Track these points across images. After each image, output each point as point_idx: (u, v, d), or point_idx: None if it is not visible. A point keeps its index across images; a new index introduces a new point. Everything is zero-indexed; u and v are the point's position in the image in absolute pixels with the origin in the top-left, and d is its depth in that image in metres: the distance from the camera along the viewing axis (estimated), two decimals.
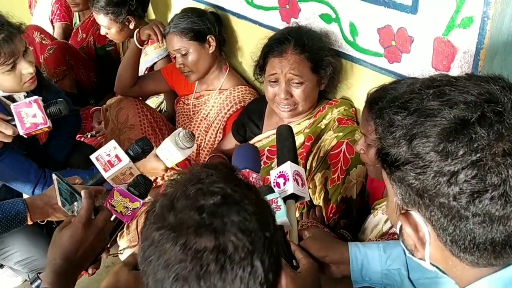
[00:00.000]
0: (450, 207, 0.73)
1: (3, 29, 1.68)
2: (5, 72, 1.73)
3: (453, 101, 0.73)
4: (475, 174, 0.70)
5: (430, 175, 0.73)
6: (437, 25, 1.44)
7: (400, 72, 1.63)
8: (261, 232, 0.76)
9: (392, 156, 0.77)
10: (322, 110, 1.90)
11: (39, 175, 1.91)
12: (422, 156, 0.73)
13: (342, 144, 1.77)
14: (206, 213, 0.74)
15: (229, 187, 0.78)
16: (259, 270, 0.74)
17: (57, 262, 1.14)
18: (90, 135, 2.80)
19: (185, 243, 0.73)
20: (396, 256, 1.25)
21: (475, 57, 1.37)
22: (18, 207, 1.52)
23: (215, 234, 0.73)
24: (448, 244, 0.77)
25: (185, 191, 0.78)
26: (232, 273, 0.72)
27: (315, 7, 1.87)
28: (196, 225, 0.73)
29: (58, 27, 3.48)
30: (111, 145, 1.49)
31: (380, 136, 0.81)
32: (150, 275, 0.77)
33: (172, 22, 2.22)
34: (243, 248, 0.73)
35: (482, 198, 0.70)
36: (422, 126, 0.74)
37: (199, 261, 0.72)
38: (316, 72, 1.80)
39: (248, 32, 2.28)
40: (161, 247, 0.74)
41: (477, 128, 0.70)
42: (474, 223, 0.72)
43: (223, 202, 0.76)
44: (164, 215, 0.76)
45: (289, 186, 1.31)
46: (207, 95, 2.36)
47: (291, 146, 1.45)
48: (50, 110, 1.66)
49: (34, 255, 1.94)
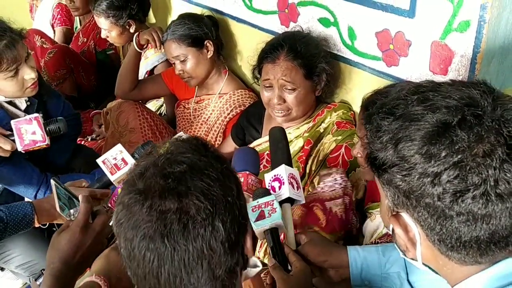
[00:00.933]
0: (435, 207, 0.76)
1: (5, 35, 1.69)
2: (7, 78, 1.74)
3: (436, 105, 0.77)
4: (457, 174, 0.73)
5: (415, 177, 0.76)
6: (434, 29, 1.45)
7: (398, 76, 1.64)
8: (223, 197, 0.82)
9: (380, 160, 0.81)
10: (321, 114, 1.90)
11: (41, 179, 1.92)
12: (407, 158, 0.77)
13: (341, 148, 1.78)
14: (171, 179, 0.81)
15: (196, 157, 0.85)
16: (220, 230, 0.80)
17: (56, 266, 1.15)
18: (91, 138, 2.81)
19: (151, 205, 0.79)
20: (395, 259, 1.25)
21: (472, 61, 1.38)
22: (25, 210, 1.53)
23: (178, 197, 0.79)
24: (436, 243, 0.80)
25: (155, 161, 0.84)
26: (194, 232, 0.78)
27: (314, 11, 1.88)
28: (161, 189, 0.80)
29: (59, 31, 3.49)
30: (118, 149, 1.51)
31: (369, 140, 0.85)
32: (121, 236, 0.83)
33: (170, 29, 2.23)
34: (204, 209, 0.79)
35: (465, 198, 0.73)
36: (407, 130, 0.77)
37: (163, 221, 0.78)
38: (310, 78, 1.80)
39: (247, 36, 2.29)
40: (130, 209, 0.81)
41: (458, 131, 0.73)
42: (458, 222, 0.75)
43: (188, 170, 0.82)
44: (135, 182, 0.83)
45: (284, 190, 1.31)
46: (208, 100, 2.37)
47: (284, 149, 1.45)
48: (49, 128, 1.70)
49: (35, 259, 1.94)
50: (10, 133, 1.69)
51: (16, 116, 1.89)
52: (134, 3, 2.66)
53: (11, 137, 1.67)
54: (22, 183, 1.90)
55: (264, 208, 1.24)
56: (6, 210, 1.53)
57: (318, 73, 1.79)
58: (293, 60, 1.77)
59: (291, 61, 1.77)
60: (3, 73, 1.72)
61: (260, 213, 1.23)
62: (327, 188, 1.60)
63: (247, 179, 1.39)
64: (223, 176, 0.85)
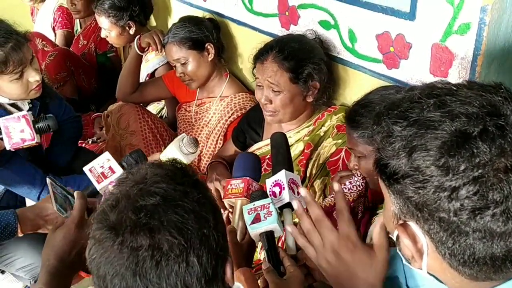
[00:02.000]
0: (450, 222, 0.72)
1: (11, 37, 1.69)
2: (13, 80, 1.74)
3: (455, 112, 0.71)
4: (476, 190, 0.68)
5: (430, 190, 0.71)
6: (434, 31, 1.45)
7: (398, 78, 1.64)
8: (198, 230, 0.79)
9: (391, 168, 0.76)
10: (321, 118, 1.90)
11: (44, 181, 1.92)
12: (422, 170, 0.72)
13: (341, 151, 1.78)
14: (143, 213, 0.78)
15: (171, 186, 0.82)
16: (195, 265, 0.78)
17: (51, 263, 1.15)
18: (92, 141, 2.82)
19: (122, 242, 0.76)
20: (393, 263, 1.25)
21: (472, 63, 1.39)
22: (8, 219, 1.50)
23: (150, 233, 0.76)
24: (447, 257, 0.76)
25: (128, 192, 0.82)
26: (167, 269, 0.76)
27: (314, 14, 1.89)
28: (133, 224, 0.77)
29: (60, 34, 3.50)
30: (105, 157, 1.48)
31: (379, 146, 0.79)
32: (93, 272, 0.81)
33: (170, 32, 2.23)
34: (178, 245, 0.76)
35: (484, 215, 0.69)
36: (422, 139, 0.72)
37: (135, 258, 0.76)
38: (296, 83, 1.78)
39: (248, 38, 2.29)
40: (102, 245, 0.79)
41: (479, 142, 0.68)
42: (474, 239, 0.71)
43: (161, 202, 0.79)
44: (106, 215, 0.80)
45: (285, 195, 1.30)
46: (209, 103, 2.38)
47: (285, 154, 1.44)
48: (38, 125, 1.67)
49: (36, 261, 1.94)
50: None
51: None
52: (136, 5, 2.67)
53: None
54: (26, 184, 1.90)
55: (260, 211, 1.23)
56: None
57: (304, 79, 1.77)
58: (279, 62, 1.77)
59: (277, 64, 1.77)
60: (9, 75, 1.72)
61: (256, 216, 1.22)
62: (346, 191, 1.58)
63: (249, 185, 1.39)
64: (199, 206, 0.82)
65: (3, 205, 2.06)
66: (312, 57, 1.78)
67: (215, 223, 0.83)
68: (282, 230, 1.26)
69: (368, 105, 1.44)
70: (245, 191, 1.37)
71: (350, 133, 1.47)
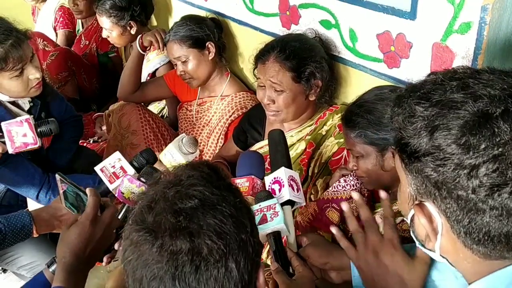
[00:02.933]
0: (467, 200, 0.73)
1: (11, 35, 1.70)
2: (13, 77, 1.75)
3: (477, 94, 0.73)
4: (496, 168, 0.70)
5: (450, 168, 0.73)
6: (435, 30, 1.46)
7: (399, 77, 1.64)
8: (237, 235, 0.78)
9: (412, 147, 0.77)
10: (323, 117, 1.90)
11: (43, 180, 1.93)
12: (443, 148, 0.73)
13: (343, 150, 1.78)
14: (182, 217, 0.77)
15: (208, 190, 0.81)
16: (233, 271, 0.77)
17: (67, 260, 1.16)
18: (93, 140, 2.82)
19: (162, 245, 0.75)
20: None
21: (473, 62, 1.39)
22: (23, 220, 1.52)
23: (190, 237, 0.75)
24: (462, 236, 0.77)
25: (165, 193, 0.80)
26: (206, 274, 0.75)
27: (315, 14, 1.89)
28: (172, 228, 0.76)
29: (61, 34, 3.51)
30: (116, 157, 1.48)
31: (400, 126, 0.80)
32: (129, 274, 0.80)
33: (172, 30, 2.24)
34: (217, 250, 0.76)
35: (502, 192, 0.71)
36: (444, 118, 0.74)
37: (174, 262, 0.74)
38: (298, 82, 1.78)
39: (249, 38, 2.30)
40: (139, 248, 0.77)
41: (500, 122, 0.70)
42: (490, 216, 0.73)
43: (200, 206, 0.78)
44: (143, 217, 0.79)
45: (284, 192, 1.31)
46: (210, 102, 2.38)
47: (283, 151, 1.44)
48: (40, 129, 1.68)
49: (37, 260, 1.94)
50: (0, 134, 1.67)
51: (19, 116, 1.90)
52: (137, 5, 2.67)
53: (1, 139, 1.66)
54: (24, 183, 1.90)
55: (266, 212, 1.23)
56: (4, 221, 1.52)
57: (306, 77, 1.78)
58: (281, 62, 1.77)
59: (279, 63, 1.77)
60: (9, 72, 1.73)
61: (262, 216, 1.22)
62: (340, 188, 1.59)
63: (253, 183, 1.39)
64: (237, 211, 0.81)
65: (4, 204, 2.06)
66: (313, 56, 1.79)
67: (252, 228, 0.83)
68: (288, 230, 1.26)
69: (364, 104, 1.44)
70: (250, 189, 1.37)
71: (347, 134, 1.46)
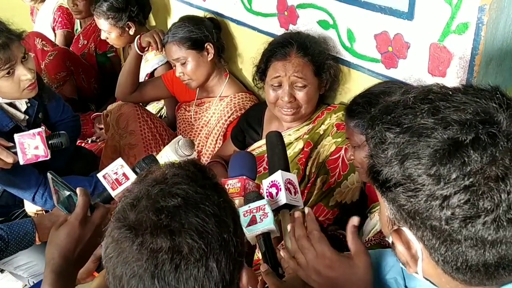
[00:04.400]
0: (442, 230, 0.72)
1: (1, 35, 1.70)
2: (2, 77, 1.75)
3: (448, 120, 0.71)
4: (467, 199, 0.68)
5: (422, 199, 0.72)
6: (432, 31, 1.46)
7: (397, 78, 1.64)
8: (219, 234, 0.78)
9: (384, 175, 0.76)
10: (321, 116, 1.91)
11: (40, 181, 1.92)
12: (414, 178, 0.72)
13: (340, 150, 1.79)
14: (164, 215, 0.76)
15: (192, 188, 0.80)
16: (214, 270, 0.76)
17: (56, 262, 1.14)
18: (91, 140, 2.82)
19: (142, 243, 0.75)
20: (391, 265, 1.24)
21: (470, 63, 1.39)
22: (26, 228, 1.52)
23: (171, 235, 0.75)
24: (440, 263, 0.76)
25: (148, 191, 0.80)
26: (186, 273, 0.75)
27: (313, 14, 1.89)
28: (153, 225, 0.76)
29: (59, 34, 3.51)
30: (118, 163, 1.48)
31: (372, 152, 0.79)
32: (110, 271, 0.79)
33: (170, 32, 2.23)
34: (198, 249, 0.75)
35: (475, 223, 0.69)
36: (414, 146, 0.72)
37: (154, 260, 0.74)
38: (319, 75, 1.81)
39: (247, 38, 2.30)
40: (120, 245, 0.77)
41: (470, 151, 0.68)
42: (466, 246, 0.72)
43: (183, 204, 0.78)
44: (126, 214, 0.79)
45: (281, 196, 1.30)
46: (208, 102, 2.38)
47: (281, 154, 1.44)
48: (52, 142, 1.71)
49: (34, 260, 1.94)
50: (12, 144, 1.69)
51: (16, 118, 1.90)
52: (134, 5, 2.67)
53: (12, 149, 1.68)
54: (20, 184, 1.90)
55: (255, 213, 1.22)
56: (7, 229, 1.52)
57: (326, 70, 1.82)
58: (303, 56, 1.79)
59: (302, 58, 1.79)
60: None
61: (252, 218, 1.22)
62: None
63: (245, 184, 1.39)
64: (220, 210, 0.80)
65: (2, 204, 2.06)
66: (324, 50, 1.83)
67: (235, 228, 0.82)
68: (278, 230, 1.26)
69: (368, 96, 1.47)
70: (242, 190, 1.37)
71: (347, 123, 1.49)
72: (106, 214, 1.26)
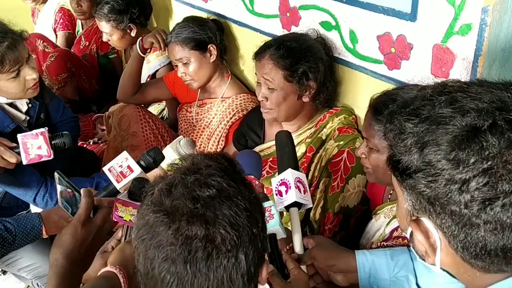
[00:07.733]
0: (461, 215, 0.73)
1: (6, 36, 1.70)
2: (10, 78, 1.75)
3: (465, 108, 0.73)
4: (486, 181, 0.70)
5: (441, 183, 0.73)
6: (436, 32, 1.45)
7: (399, 79, 1.64)
8: (249, 228, 0.81)
9: (403, 164, 0.78)
10: (323, 119, 1.90)
11: (41, 182, 1.92)
12: (433, 164, 0.73)
13: (343, 153, 1.78)
14: (200, 204, 0.79)
15: (225, 181, 0.83)
16: (242, 262, 0.79)
17: (60, 263, 1.15)
18: (93, 141, 2.82)
19: (178, 229, 0.78)
20: (403, 263, 1.25)
21: (473, 64, 1.38)
22: (33, 221, 1.53)
23: (206, 224, 0.78)
24: (459, 250, 0.77)
25: (184, 179, 0.83)
26: (217, 261, 0.78)
27: (315, 15, 1.89)
28: (190, 213, 0.78)
29: (61, 35, 3.51)
30: (123, 156, 1.49)
31: (391, 143, 0.81)
32: (141, 252, 0.82)
33: (174, 32, 2.24)
34: (230, 240, 0.78)
35: (494, 206, 0.70)
36: (433, 134, 0.74)
37: (188, 246, 0.77)
38: (290, 81, 1.77)
39: (249, 40, 2.29)
40: (155, 228, 0.80)
41: (488, 136, 0.70)
42: (485, 231, 0.72)
43: (217, 195, 0.81)
44: (161, 199, 0.81)
45: (291, 194, 1.31)
46: (210, 103, 2.38)
47: (291, 153, 1.44)
48: (55, 142, 1.72)
49: (37, 261, 1.94)
50: (15, 145, 1.70)
51: (17, 118, 1.90)
52: (135, 7, 2.67)
53: (16, 149, 1.69)
54: (22, 186, 1.89)
55: None
56: (14, 223, 1.53)
57: (299, 77, 1.76)
58: (275, 60, 1.77)
59: (273, 61, 1.77)
60: (6, 74, 1.73)
61: None
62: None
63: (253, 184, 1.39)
64: (251, 205, 0.83)
65: (4, 205, 2.06)
66: (308, 56, 1.77)
67: (263, 224, 0.86)
68: (284, 232, 1.26)
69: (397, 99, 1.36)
70: None
71: (371, 124, 1.40)
72: (109, 215, 1.26)
